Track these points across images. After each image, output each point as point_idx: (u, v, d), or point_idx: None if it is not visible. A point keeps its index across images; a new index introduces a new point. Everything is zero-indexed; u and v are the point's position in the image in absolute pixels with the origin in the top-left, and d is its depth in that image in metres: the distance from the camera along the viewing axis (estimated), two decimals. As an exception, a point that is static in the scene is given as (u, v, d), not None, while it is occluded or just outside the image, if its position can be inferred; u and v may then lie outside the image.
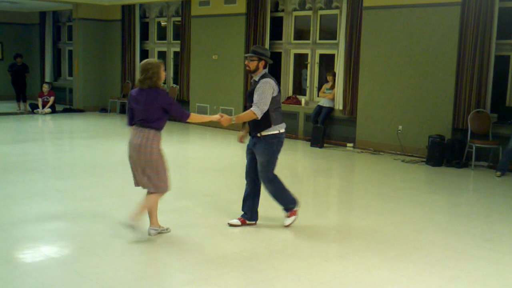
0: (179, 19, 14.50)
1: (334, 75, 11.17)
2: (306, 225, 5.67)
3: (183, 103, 14.20)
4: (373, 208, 6.44)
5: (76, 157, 9.61)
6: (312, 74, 12.04)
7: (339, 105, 11.01)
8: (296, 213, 5.49)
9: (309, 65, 12.08)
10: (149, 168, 4.85)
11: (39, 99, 15.38)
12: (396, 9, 10.09)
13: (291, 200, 5.44)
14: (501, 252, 4.98)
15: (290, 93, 12.43)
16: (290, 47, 12.37)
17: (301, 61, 12.48)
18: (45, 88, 15.49)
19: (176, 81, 14.91)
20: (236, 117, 5.16)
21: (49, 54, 18.34)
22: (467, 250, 4.98)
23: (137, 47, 15.61)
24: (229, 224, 5.44)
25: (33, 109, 15.30)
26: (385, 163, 9.44)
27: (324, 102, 11.16)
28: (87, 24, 16.15)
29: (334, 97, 11.08)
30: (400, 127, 10.12)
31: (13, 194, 6.55)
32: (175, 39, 15.04)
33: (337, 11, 11.41)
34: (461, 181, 8.34)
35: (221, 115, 5.14)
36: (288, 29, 12.33)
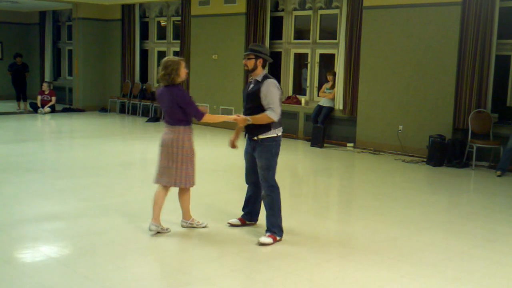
0: (179, 18, 14.49)
1: (334, 74, 11.16)
2: (306, 225, 5.66)
3: (183, 102, 14.20)
4: (374, 208, 6.43)
5: (76, 157, 9.60)
6: (312, 73, 12.03)
7: (339, 105, 11.00)
8: (276, 241, 4.97)
9: (309, 65, 12.07)
10: (180, 162, 5.01)
11: (39, 96, 15.38)
12: (397, 8, 10.08)
13: (279, 225, 5.05)
14: (502, 252, 4.97)
15: (290, 93, 12.42)
16: (290, 47, 12.36)
17: (301, 60, 12.47)
18: (45, 87, 15.48)
19: (176, 80, 14.88)
20: (252, 117, 4.91)
21: (49, 54, 18.33)
22: (468, 251, 4.97)
23: (137, 47, 15.60)
24: (229, 223, 5.43)
25: (34, 109, 15.27)
26: (385, 163, 9.42)
27: (324, 102, 11.15)
28: (87, 24, 16.14)
29: (334, 97, 11.07)
30: (400, 127, 10.11)
31: (12, 194, 6.54)
32: (175, 38, 15.03)
33: (337, 11, 11.40)
34: (462, 181, 8.33)
35: (237, 115, 5.00)
36: (288, 29, 12.32)
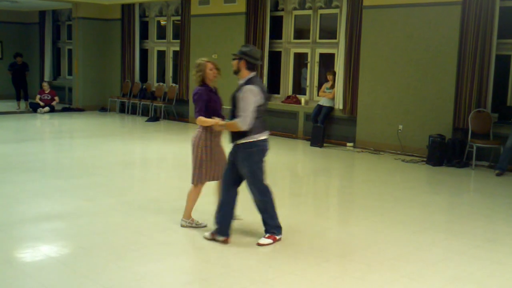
0: (178, 18, 14.48)
1: (334, 74, 11.16)
2: (306, 225, 5.66)
3: (182, 102, 14.21)
4: (373, 208, 6.42)
5: (76, 156, 9.59)
6: (312, 73, 12.02)
7: (339, 105, 10.99)
8: (275, 240, 4.95)
9: (309, 64, 12.06)
10: (193, 160, 5.19)
11: (38, 95, 15.37)
12: (396, 8, 10.08)
13: (276, 225, 5.00)
14: (502, 252, 4.97)
15: (290, 92, 12.41)
16: (290, 46, 12.36)
17: (301, 60, 12.47)
18: (45, 86, 15.48)
19: (175, 80, 14.89)
20: (226, 123, 4.92)
21: (48, 53, 18.32)
22: (468, 251, 4.97)
23: (136, 46, 15.59)
24: (204, 237, 5.04)
25: (34, 108, 15.26)
26: (385, 162, 9.42)
27: (324, 101, 11.14)
28: (87, 23, 16.13)
29: (334, 96, 11.06)
30: (400, 126, 10.11)
31: (12, 193, 6.53)
32: (174, 38, 15.02)
33: (337, 10, 11.39)
34: (462, 181, 8.33)
35: (216, 121, 5.02)
36: (288, 28, 12.31)
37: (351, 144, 10.85)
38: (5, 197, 6.36)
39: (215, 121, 5.04)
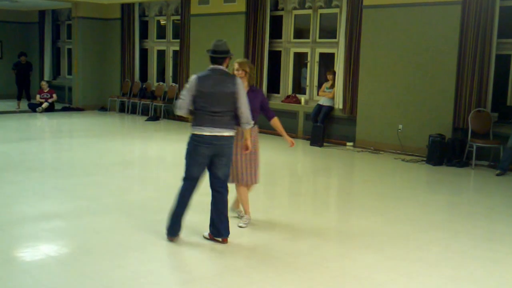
0: (178, 17, 14.48)
1: (334, 74, 11.16)
2: (306, 224, 5.66)
3: (182, 102, 14.17)
4: (373, 207, 6.42)
5: (76, 156, 9.59)
6: (312, 73, 12.02)
7: (339, 104, 10.99)
8: (170, 240, 4.89)
9: (309, 64, 12.06)
10: (253, 159, 5.37)
11: (38, 95, 15.37)
12: (396, 8, 10.07)
13: (169, 224, 4.90)
14: (502, 252, 4.97)
15: (290, 92, 12.41)
16: (290, 46, 12.35)
17: (300, 60, 12.46)
18: (44, 85, 15.47)
19: (175, 79, 14.88)
20: None
21: (48, 53, 18.32)
22: (467, 250, 4.97)
23: (136, 46, 15.58)
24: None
25: (32, 108, 15.24)
26: (385, 162, 9.42)
27: (324, 101, 11.14)
28: (86, 23, 16.12)
29: (334, 96, 11.06)
30: (400, 126, 10.11)
31: (12, 193, 6.54)
32: (174, 37, 15.02)
33: (337, 10, 11.39)
34: (462, 180, 8.33)
35: None
36: (288, 28, 12.31)
37: (351, 144, 10.85)
38: (5, 196, 6.36)
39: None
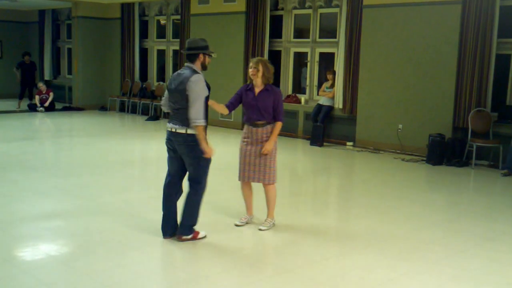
0: (178, 17, 14.48)
1: (334, 73, 11.16)
2: (306, 223, 5.66)
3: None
4: (373, 207, 6.43)
5: (76, 155, 9.60)
6: (312, 72, 12.02)
7: (339, 104, 11.00)
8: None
9: (308, 64, 12.07)
10: (268, 159, 5.83)
11: (37, 96, 15.38)
12: (396, 7, 10.08)
13: (161, 226, 5.03)
14: (502, 251, 4.97)
15: (290, 91, 12.41)
16: (289, 46, 12.36)
17: (300, 59, 12.47)
18: (42, 87, 15.47)
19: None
20: None
21: (48, 53, 18.32)
22: (467, 249, 4.97)
23: (136, 46, 15.59)
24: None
25: (31, 109, 15.23)
26: (385, 162, 9.42)
27: (323, 100, 11.15)
28: (86, 22, 16.12)
29: (334, 95, 11.07)
30: (400, 125, 10.11)
31: (12, 192, 6.53)
32: (174, 37, 15.02)
33: (337, 10, 11.39)
34: (462, 180, 8.33)
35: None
36: (288, 28, 12.31)
37: (350, 143, 10.85)
38: (5, 195, 6.36)
39: None
